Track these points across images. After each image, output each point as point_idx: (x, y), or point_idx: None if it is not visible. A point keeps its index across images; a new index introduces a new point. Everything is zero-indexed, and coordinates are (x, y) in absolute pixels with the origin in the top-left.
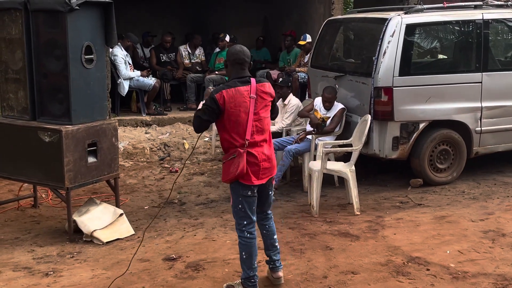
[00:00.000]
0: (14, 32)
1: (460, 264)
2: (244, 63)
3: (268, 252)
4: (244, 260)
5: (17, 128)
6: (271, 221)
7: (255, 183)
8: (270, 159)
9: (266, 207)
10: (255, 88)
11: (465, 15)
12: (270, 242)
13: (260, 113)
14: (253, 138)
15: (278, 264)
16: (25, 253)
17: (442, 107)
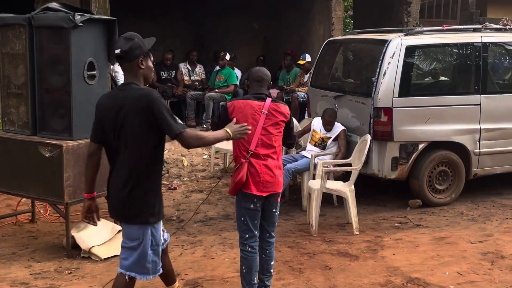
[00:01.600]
0: (17, 47)
1: (459, 285)
2: (261, 81)
3: (262, 276)
4: (244, 275)
5: (18, 142)
6: (272, 247)
7: (254, 192)
8: (273, 174)
9: (270, 226)
10: (268, 105)
11: (464, 38)
12: (266, 267)
13: (268, 129)
14: (256, 150)
15: None
16: (22, 268)
17: (441, 128)
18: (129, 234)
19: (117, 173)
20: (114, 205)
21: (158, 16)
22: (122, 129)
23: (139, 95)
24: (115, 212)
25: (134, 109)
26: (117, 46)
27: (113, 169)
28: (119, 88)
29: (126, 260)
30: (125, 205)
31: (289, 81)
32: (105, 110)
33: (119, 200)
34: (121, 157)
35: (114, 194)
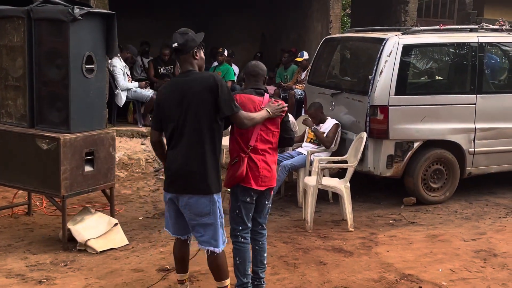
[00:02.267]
0: (16, 39)
1: (452, 282)
2: (257, 76)
3: (255, 269)
4: (237, 266)
5: (15, 135)
6: (264, 239)
7: (253, 187)
8: (270, 168)
9: (263, 218)
10: (267, 101)
11: (461, 38)
12: (260, 259)
13: (267, 125)
14: (256, 145)
15: (263, 282)
16: (18, 260)
17: (437, 127)
18: (199, 209)
19: (184, 150)
20: (181, 181)
21: (156, 11)
22: (190, 107)
23: (205, 76)
24: (182, 188)
25: (202, 88)
26: (173, 40)
27: (176, 147)
28: (181, 76)
29: (202, 236)
30: (195, 179)
31: (287, 78)
32: (169, 94)
33: (187, 175)
34: (188, 135)
35: (181, 170)
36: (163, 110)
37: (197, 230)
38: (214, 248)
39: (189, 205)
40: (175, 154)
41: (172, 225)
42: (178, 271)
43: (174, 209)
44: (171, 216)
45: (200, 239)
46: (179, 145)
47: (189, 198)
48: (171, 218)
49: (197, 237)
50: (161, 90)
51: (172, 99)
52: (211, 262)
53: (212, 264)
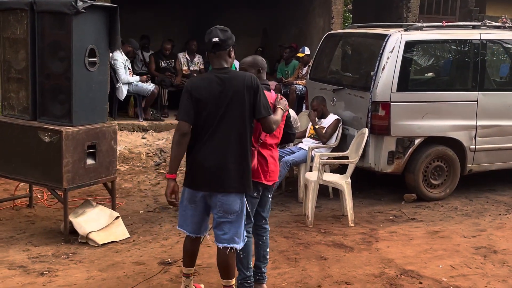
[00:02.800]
0: (18, 32)
1: (452, 278)
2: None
3: (258, 263)
4: (241, 260)
5: (17, 127)
6: (268, 233)
7: (263, 181)
8: (276, 163)
9: (266, 212)
10: (275, 98)
11: (463, 35)
12: (263, 254)
13: None
14: (265, 140)
15: (265, 276)
16: (20, 252)
17: (438, 124)
18: (230, 207)
19: (220, 147)
20: (217, 178)
21: (158, 5)
22: (231, 104)
23: (246, 76)
24: (218, 185)
25: (244, 86)
26: (213, 35)
27: (210, 142)
28: (218, 72)
29: (225, 234)
30: (232, 177)
31: (288, 74)
32: (208, 87)
33: (223, 172)
34: (225, 131)
35: (218, 166)
36: (199, 103)
37: (222, 228)
38: (235, 245)
39: (221, 202)
40: (208, 149)
41: (193, 224)
42: (186, 265)
43: (202, 207)
44: (194, 215)
45: (222, 236)
46: (214, 140)
47: (223, 195)
48: (194, 217)
49: (219, 234)
50: (196, 82)
51: (212, 92)
52: (224, 260)
53: (224, 262)
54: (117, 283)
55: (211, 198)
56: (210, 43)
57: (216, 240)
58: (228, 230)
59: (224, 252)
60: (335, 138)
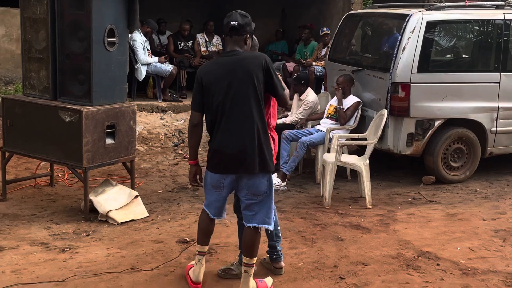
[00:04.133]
0: (39, 12)
1: (470, 260)
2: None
3: (272, 243)
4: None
5: (38, 106)
6: (275, 212)
7: None
8: (275, 145)
9: None
10: None
11: (486, 15)
12: (275, 232)
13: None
14: (270, 122)
15: (281, 254)
16: (41, 229)
17: (459, 106)
18: (257, 189)
19: (237, 130)
20: (240, 161)
21: None
22: (242, 84)
23: (256, 55)
24: (242, 168)
25: (255, 66)
26: (233, 18)
27: (225, 127)
28: (227, 55)
29: (256, 214)
30: (254, 159)
31: (306, 55)
32: (215, 71)
33: (245, 155)
34: (241, 113)
35: (239, 149)
36: (208, 89)
37: (252, 209)
38: (267, 226)
39: (248, 185)
40: (226, 134)
41: (215, 208)
42: (201, 243)
43: (226, 192)
44: (218, 200)
45: (252, 217)
46: (230, 125)
47: (248, 179)
48: (217, 202)
49: (249, 215)
50: (205, 69)
51: (220, 77)
52: (251, 239)
53: (252, 241)
54: (136, 261)
55: (238, 181)
56: (228, 26)
57: (245, 220)
58: (259, 210)
59: (253, 231)
60: (353, 119)
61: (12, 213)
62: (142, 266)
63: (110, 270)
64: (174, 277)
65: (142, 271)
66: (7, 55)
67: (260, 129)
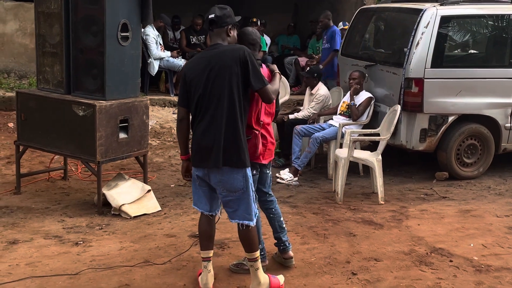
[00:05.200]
0: (53, 6)
1: (483, 257)
2: (255, 45)
3: (277, 235)
4: None
5: (52, 101)
6: (275, 204)
7: (262, 161)
8: (273, 141)
9: (267, 187)
10: (267, 73)
11: (501, 10)
12: (278, 224)
13: None
14: (263, 120)
15: (288, 244)
16: (55, 222)
17: (473, 101)
18: (232, 185)
19: (214, 124)
20: (213, 156)
21: None
22: (219, 80)
23: (234, 48)
24: (214, 163)
25: (231, 60)
26: (210, 12)
27: (203, 121)
28: (209, 49)
29: (236, 211)
30: (229, 154)
31: (319, 50)
32: (196, 66)
33: (219, 149)
34: (215, 108)
35: (212, 144)
36: (190, 84)
37: (230, 206)
38: (248, 222)
39: (223, 182)
40: (203, 127)
41: (205, 203)
42: (204, 248)
43: (205, 186)
44: (203, 194)
45: (233, 214)
46: (207, 118)
47: (221, 175)
48: (204, 196)
49: (229, 212)
50: (187, 64)
51: (200, 72)
52: (243, 235)
53: (244, 237)
54: (148, 255)
55: (210, 177)
56: (207, 20)
57: (229, 217)
58: (238, 207)
59: (240, 227)
60: (366, 115)
61: (26, 206)
62: (155, 260)
63: (123, 264)
64: (187, 271)
65: (154, 265)
66: (21, 49)
67: (238, 125)
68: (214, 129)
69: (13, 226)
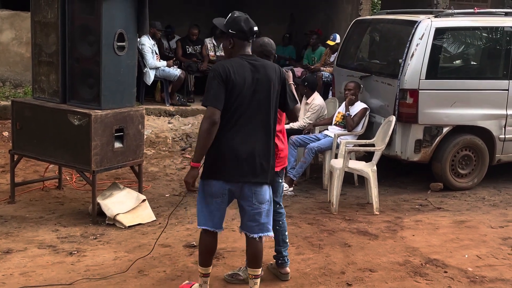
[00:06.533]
0: (49, 16)
1: (478, 268)
2: (270, 56)
3: (278, 248)
4: None
5: (48, 110)
6: (284, 217)
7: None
8: (284, 149)
9: (279, 197)
10: None
11: (495, 22)
12: (282, 238)
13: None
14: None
15: (287, 260)
16: (49, 232)
17: (467, 113)
18: (264, 197)
19: (254, 137)
20: (253, 169)
21: None
22: (264, 93)
23: (275, 65)
24: (254, 175)
25: (275, 76)
26: (253, 23)
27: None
28: (249, 59)
29: (260, 224)
30: (266, 167)
31: (314, 60)
32: (241, 72)
33: (259, 162)
34: (258, 121)
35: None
36: (233, 88)
37: (255, 219)
38: (269, 233)
39: (256, 194)
40: (242, 137)
41: (218, 219)
42: (206, 264)
43: (227, 201)
44: (219, 210)
45: (256, 227)
46: (247, 130)
47: (256, 186)
48: (219, 212)
49: (253, 226)
50: (228, 66)
51: (246, 78)
52: (257, 250)
53: (258, 251)
54: (143, 265)
55: (243, 189)
56: (251, 31)
57: (250, 231)
58: (261, 219)
59: (258, 242)
60: (361, 125)
61: (20, 216)
62: (149, 270)
63: (118, 274)
64: (181, 281)
65: (149, 275)
66: (16, 58)
67: (272, 140)
68: (254, 141)
69: (7, 235)
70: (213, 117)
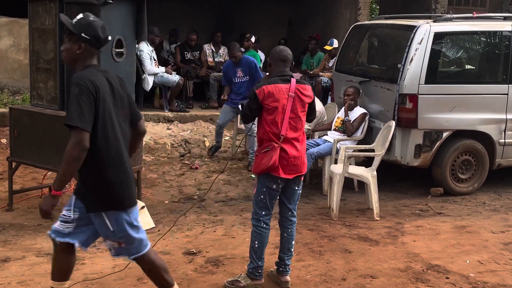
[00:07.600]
0: (47, 22)
1: (480, 274)
2: (287, 61)
3: (282, 255)
4: (255, 250)
5: (46, 117)
6: (294, 226)
7: (282, 175)
8: (300, 157)
9: (293, 204)
10: (294, 87)
11: (494, 26)
12: (288, 246)
13: (296, 112)
14: (287, 134)
15: (288, 269)
16: (47, 240)
17: (467, 117)
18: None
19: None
20: (133, 191)
21: None
22: (120, 110)
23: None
24: (134, 199)
25: (125, 89)
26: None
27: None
28: (99, 69)
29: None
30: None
31: (313, 66)
32: (105, 88)
33: (133, 185)
34: (122, 140)
35: (131, 180)
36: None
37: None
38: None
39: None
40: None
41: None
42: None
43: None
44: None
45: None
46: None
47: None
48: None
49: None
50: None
51: (107, 93)
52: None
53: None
54: (142, 272)
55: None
56: (106, 41)
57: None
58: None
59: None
60: (360, 130)
61: (18, 224)
62: (148, 278)
63: (117, 282)
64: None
65: (148, 283)
66: (14, 65)
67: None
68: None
69: (4, 243)
70: (85, 142)
